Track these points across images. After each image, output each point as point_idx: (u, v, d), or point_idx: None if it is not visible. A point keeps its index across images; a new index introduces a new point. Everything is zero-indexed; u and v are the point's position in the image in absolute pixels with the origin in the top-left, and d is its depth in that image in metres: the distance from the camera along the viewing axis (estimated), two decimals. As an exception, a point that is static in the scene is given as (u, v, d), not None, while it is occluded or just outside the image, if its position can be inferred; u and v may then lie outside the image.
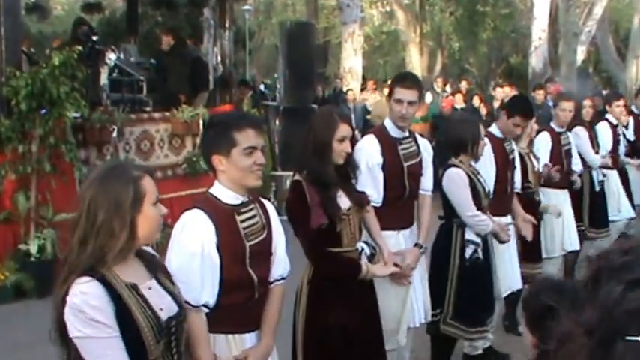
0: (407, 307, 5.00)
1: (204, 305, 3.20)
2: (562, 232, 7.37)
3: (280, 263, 3.60)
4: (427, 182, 5.18)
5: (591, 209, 8.19)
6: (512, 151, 6.22)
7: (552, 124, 7.54)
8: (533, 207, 6.69)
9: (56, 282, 2.63)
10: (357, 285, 4.29)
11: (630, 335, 1.13)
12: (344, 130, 4.18)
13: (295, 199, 4.15)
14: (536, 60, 23.27)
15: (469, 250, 5.42)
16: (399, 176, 4.94)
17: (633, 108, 9.91)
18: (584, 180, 7.96)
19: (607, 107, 9.19)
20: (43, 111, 7.78)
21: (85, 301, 2.49)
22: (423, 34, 31.42)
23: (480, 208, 5.43)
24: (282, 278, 3.63)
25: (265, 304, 3.52)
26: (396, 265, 4.59)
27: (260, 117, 12.71)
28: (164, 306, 2.71)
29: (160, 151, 10.19)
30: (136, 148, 9.79)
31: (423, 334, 5.73)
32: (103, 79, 11.68)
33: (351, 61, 21.37)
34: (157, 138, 10.15)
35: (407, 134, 5.06)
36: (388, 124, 5.03)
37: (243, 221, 3.36)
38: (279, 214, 3.74)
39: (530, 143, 6.91)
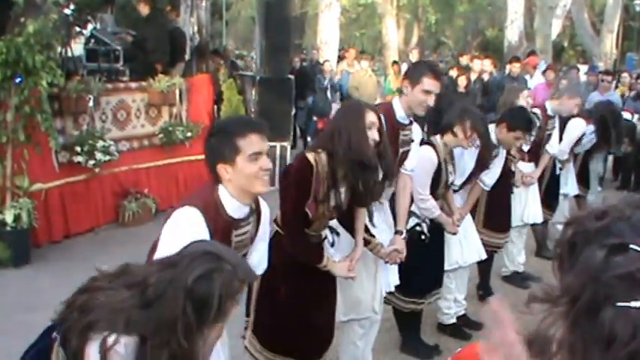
0: (378, 275, 5.03)
1: None
2: (525, 203, 7.46)
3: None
4: (410, 162, 5.17)
5: (546, 189, 8.23)
6: (497, 155, 6.22)
7: (547, 105, 7.61)
8: (508, 177, 6.79)
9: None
10: None
11: (620, 301, 1.11)
12: (371, 116, 4.17)
13: (303, 177, 4.06)
14: (512, 33, 23.39)
15: (411, 222, 5.47)
16: (394, 161, 4.95)
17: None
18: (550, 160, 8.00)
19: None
20: (19, 80, 7.72)
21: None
22: (400, 7, 31.44)
23: (433, 192, 5.48)
24: None
25: None
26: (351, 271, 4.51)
27: (237, 87, 12.71)
28: None
29: (136, 120, 10.15)
30: (112, 118, 9.74)
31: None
32: (79, 49, 11.59)
33: (328, 33, 21.34)
34: (133, 108, 10.10)
35: (409, 121, 5.06)
36: (397, 107, 4.99)
37: (237, 235, 3.35)
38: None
39: None
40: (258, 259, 3.64)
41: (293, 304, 4.23)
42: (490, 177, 6.27)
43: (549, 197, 8.20)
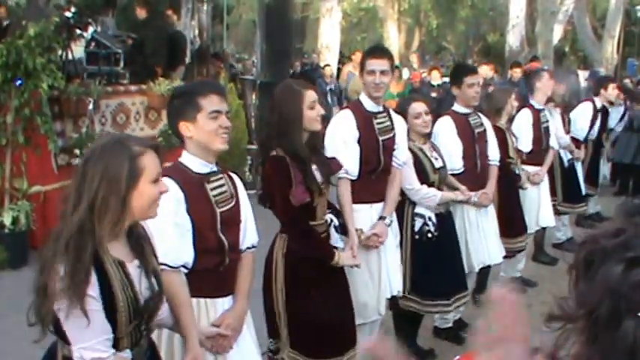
0: (382, 277, 5.04)
1: (183, 266, 3.27)
2: (538, 208, 7.48)
3: (250, 233, 3.68)
4: (401, 155, 5.19)
5: (564, 184, 8.30)
6: (481, 124, 6.19)
7: (532, 102, 7.61)
8: (514, 181, 6.80)
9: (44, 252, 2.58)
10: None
11: None
12: (310, 95, 4.24)
13: (278, 175, 4.13)
14: (514, 38, 23.37)
15: (418, 224, 5.49)
16: (375, 150, 4.96)
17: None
18: (554, 156, 8.05)
19: (602, 90, 9.43)
20: (19, 82, 7.73)
21: None
22: (402, 11, 31.43)
23: (427, 182, 5.49)
24: (253, 247, 3.71)
25: (237, 270, 3.61)
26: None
27: (238, 91, 12.72)
28: (145, 287, 2.74)
29: (135, 124, 10.16)
30: (112, 121, 9.75)
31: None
32: (80, 51, 11.59)
33: (329, 37, 21.36)
34: (133, 111, 10.11)
35: (381, 109, 5.09)
36: (364, 98, 5.06)
37: (213, 189, 3.45)
38: (254, 188, 3.78)
39: (510, 120, 6.95)
40: (251, 232, 3.71)
41: (322, 303, 4.26)
42: (492, 151, 6.26)
43: (571, 192, 8.26)
